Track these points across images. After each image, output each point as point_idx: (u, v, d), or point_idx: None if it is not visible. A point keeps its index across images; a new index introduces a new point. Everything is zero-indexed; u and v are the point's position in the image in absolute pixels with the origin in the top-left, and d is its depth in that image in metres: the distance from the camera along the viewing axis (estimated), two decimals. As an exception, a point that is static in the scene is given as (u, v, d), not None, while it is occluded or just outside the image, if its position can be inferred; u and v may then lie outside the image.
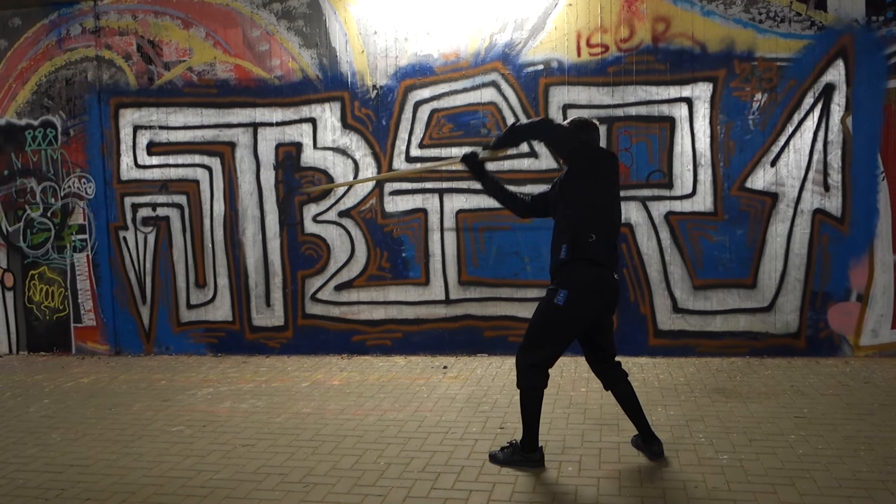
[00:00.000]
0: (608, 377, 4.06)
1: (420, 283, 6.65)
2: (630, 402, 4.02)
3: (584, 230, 3.79)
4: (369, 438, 4.53)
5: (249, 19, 6.78)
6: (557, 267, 3.88)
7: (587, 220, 3.81)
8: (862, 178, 5.92)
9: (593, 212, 3.82)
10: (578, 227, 3.81)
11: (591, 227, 3.80)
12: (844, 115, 5.92)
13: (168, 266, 7.09)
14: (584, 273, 3.80)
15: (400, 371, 6.16)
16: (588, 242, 3.78)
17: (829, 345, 6.04)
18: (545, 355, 3.88)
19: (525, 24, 6.32)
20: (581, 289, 3.78)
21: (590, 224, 3.80)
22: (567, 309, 3.79)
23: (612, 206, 3.89)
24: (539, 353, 3.87)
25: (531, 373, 3.90)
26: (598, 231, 3.80)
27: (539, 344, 3.87)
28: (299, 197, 6.79)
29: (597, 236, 3.79)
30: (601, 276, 3.81)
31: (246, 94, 6.83)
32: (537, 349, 3.87)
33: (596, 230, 3.80)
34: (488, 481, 3.82)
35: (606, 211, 3.86)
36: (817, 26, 5.91)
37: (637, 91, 6.18)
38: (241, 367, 6.57)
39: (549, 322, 3.85)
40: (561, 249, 3.86)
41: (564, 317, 3.81)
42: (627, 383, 4.05)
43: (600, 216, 3.83)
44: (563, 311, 3.80)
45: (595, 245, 3.79)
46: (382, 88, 6.59)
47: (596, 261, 3.79)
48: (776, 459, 3.95)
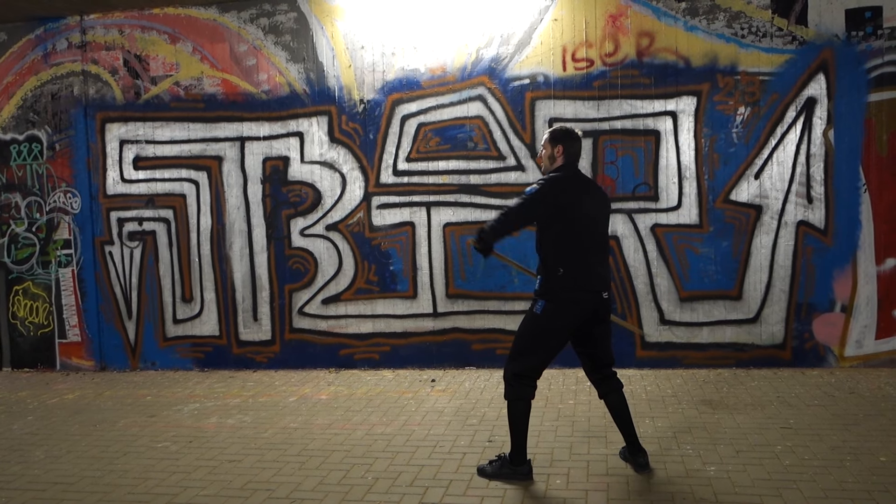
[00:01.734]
0: (603, 387, 4.07)
1: (408, 296, 6.65)
2: (621, 412, 4.03)
3: (552, 265, 3.87)
4: (357, 453, 4.51)
5: (236, 34, 6.79)
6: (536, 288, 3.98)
7: (554, 255, 3.87)
8: (844, 190, 5.99)
9: (558, 247, 3.87)
10: (548, 263, 3.89)
11: (558, 262, 3.86)
12: (826, 128, 6.00)
13: (154, 281, 7.05)
14: (562, 285, 3.84)
15: (388, 385, 6.15)
16: (557, 276, 3.85)
17: (814, 356, 6.09)
18: (530, 365, 3.91)
19: (511, 38, 6.37)
20: (558, 299, 3.84)
21: (557, 259, 3.86)
22: (545, 318, 3.85)
23: (579, 235, 3.89)
24: (523, 363, 3.90)
25: (517, 383, 3.93)
26: (567, 263, 3.85)
27: (523, 354, 3.91)
28: (286, 211, 6.78)
29: (564, 269, 3.84)
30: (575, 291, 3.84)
31: (233, 108, 6.84)
32: (522, 359, 3.91)
33: (564, 263, 3.85)
34: (476, 495, 3.81)
35: (573, 243, 3.87)
36: (798, 41, 6.00)
37: (622, 105, 6.24)
38: (227, 381, 6.53)
39: (530, 332, 3.91)
40: (538, 279, 3.95)
41: (544, 326, 3.87)
42: (621, 394, 4.06)
43: (567, 250, 3.87)
44: (542, 320, 3.86)
45: (564, 276, 3.84)
46: (370, 102, 6.62)
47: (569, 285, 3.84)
48: (763, 470, 3.97)
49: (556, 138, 4.03)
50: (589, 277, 3.88)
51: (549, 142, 4.06)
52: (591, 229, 3.94)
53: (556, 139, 4.03)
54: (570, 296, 3.85)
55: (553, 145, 4.03)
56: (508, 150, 6.41)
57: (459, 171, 6.50)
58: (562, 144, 4.00)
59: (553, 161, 4.05)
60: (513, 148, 6.40)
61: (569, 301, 3.85)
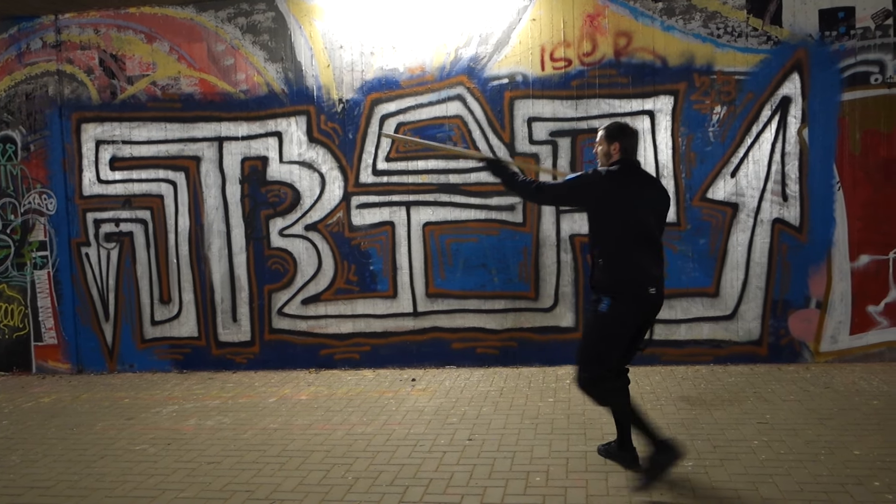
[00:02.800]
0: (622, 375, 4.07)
1: (388, 295, 6.64)
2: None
3: (598, 255, 3.90)
4: (337, 453, 4.51)
5: (214, 33, 6.75)
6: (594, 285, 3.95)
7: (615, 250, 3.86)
8: (819, 188, 6.07)
9: (619, 243, 3.85)
10: (610, 257, 3.86)
11: (601, 254, 3.88)
12: (801, 127, 6.08)
13: (132, 282, 6.98)
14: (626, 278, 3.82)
15: (368, 384, 6.14)
16: (601, 267, 3.87)
17: (790, 351, 6.16)
18: (604, 368, 3.83)
19: (490, 38, 6.39)
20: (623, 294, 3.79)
21: (601, 250, 3.89)
22: (611, 316, 3.80)
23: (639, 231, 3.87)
24: (598, 368, 3.82)
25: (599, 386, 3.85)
26: (607, 256, 3.86)
27: (595, 360, 3.83)
28: (265, 211, 6.75)
29: (605, 262, 3.86)
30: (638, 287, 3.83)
31: (211, 108, 6.79)
32: (595, 365, 3.82)
33: (605, 256, 3.87)
34: (457, 493, 3.82)
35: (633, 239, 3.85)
36: (773, 41, 6.07)
37: (600, 104, 6.28)
38: (206, 383, 6.49)
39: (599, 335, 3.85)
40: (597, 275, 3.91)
41: (611, 325, 3.83)
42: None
43: (609, 241, 3.87)
44: (608, 319, 3.81)
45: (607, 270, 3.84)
46: (349, 102, 6.60)
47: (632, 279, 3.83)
48: (740, 465, 4.02)
49: (612, 135, 3.97)
50: (648, 274, 3.86)
51: (604, 139, 4.00)
52: (649, 226, 3.92)
53: (613, 136, 3.96)
54: (634, 291, 3.81)
55: (609, 142, 3.97)
56: (488, 150, 6.42)
57: (439, 171, 6.51)
58: (618, 141, 3.94)
59: (609, 158, 3.99)
60: (492, 147, 6.42)
61: (633, 297, 3.81)
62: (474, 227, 6.49)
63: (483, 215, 6.48)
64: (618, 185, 3.86)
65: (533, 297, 6.45)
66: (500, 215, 6.44)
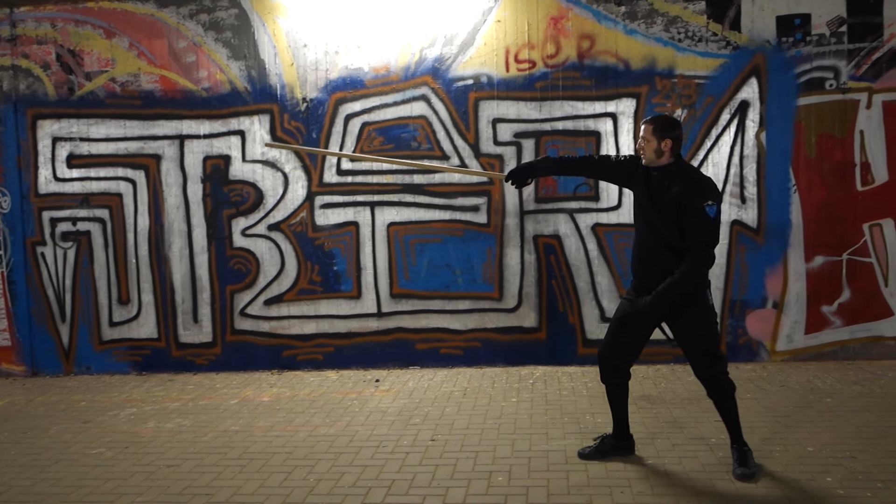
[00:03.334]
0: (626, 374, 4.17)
1: (352, 296, 6.61)
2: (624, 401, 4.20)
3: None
4: (299, 455, 4.47)
5: (175, 30, 6.65)
6: None
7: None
8: (776, 190, 6.20)
9: None
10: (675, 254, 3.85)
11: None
12: (758, 130, 6.20)
13: (89, 282, 6.84)
14: None
15: (331, 386, 6.11)
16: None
17: (747, 350, 6.29)
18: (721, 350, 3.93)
19: (454, 39, 6.40)
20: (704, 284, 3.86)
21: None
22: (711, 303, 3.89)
23: None
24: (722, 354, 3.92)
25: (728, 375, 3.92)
26: None
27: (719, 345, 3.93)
28: (228, 210, 6.67)
29: None
30: None
31: (172, 105, 6.68)
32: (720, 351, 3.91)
33: None
34: (419, 494, 3.82)
35: None
36: (732, 46, 6.18)
37: (564, 106, 6.33)
38: (166, 385, 6.38)
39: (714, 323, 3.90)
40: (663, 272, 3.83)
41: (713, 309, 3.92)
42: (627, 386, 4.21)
43: None
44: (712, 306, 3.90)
45: None
46: (312, 101, 6.56)
47: None
48: (697, 463, 4.08)
49: (664, 129, 3.77)
50: None
51: (652, 133, 3.79)
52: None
53: (664, 130, 3.77)
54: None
55: (659, 138, 3.77)
56: (452, 150, 6.43)
57: (403, 171, 6.50)
58: (670, 137, 3.77)
59: (660, 155, 3.80)
60: (456, 148, 6.43)
61: None
62: (438, 228, 6.50)
63: (447, 216, 6.48)
64: None
65: (497, 298, 6.48)
66: (464, 216, 6.46)
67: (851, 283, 6.18)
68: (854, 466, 3.94)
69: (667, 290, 3.76)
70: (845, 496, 3.59)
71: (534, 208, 6.40)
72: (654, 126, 3.81)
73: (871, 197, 6.14)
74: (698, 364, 3.91)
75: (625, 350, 4.08)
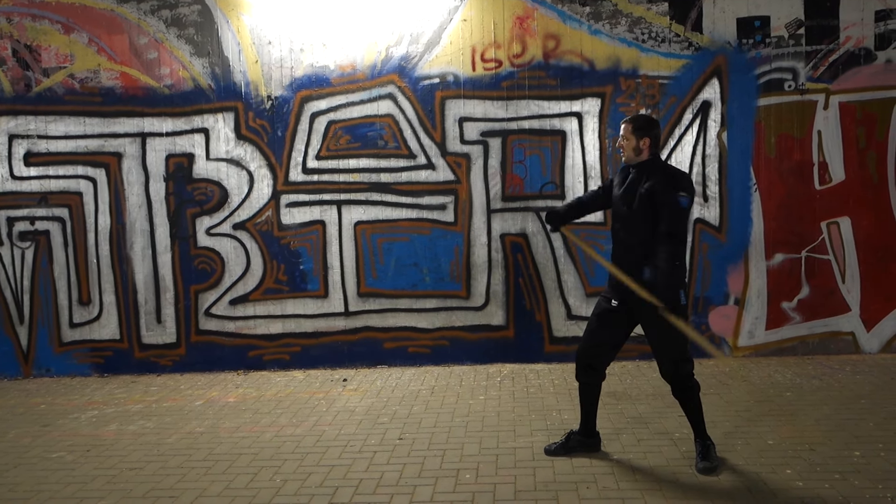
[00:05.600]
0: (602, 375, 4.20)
1: (319, 295, 6.57)
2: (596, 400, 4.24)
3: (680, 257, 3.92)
4: (265, 456, 4.44)
5: (136, 26, 6.53)
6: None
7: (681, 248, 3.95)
8: (737, 189, 6.32)
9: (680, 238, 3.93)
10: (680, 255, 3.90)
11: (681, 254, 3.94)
12: (720, 130, 6.31)
13: (48, 283, 6.69)
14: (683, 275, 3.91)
15: (298, 385, 6.06)
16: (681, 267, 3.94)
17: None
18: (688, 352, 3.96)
19: (421, 37, 6.40)
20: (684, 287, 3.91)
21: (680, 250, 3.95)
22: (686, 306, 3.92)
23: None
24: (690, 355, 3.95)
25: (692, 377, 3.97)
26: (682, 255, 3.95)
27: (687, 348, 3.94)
28: (191, 209, 6.57)
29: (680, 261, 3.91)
30: None
31: (133, 102, 6.56)
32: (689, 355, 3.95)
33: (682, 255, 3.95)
34: (387, 493, 3.82)
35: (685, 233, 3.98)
36: (694, 47, 6.28)
37: (530, 105, 6.36)
38: (129, 387, 6.27)
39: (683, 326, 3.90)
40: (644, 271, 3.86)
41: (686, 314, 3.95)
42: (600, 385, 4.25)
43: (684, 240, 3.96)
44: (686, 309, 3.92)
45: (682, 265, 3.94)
46: (278, 99, 6.50)
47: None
48: (661, 457, 4.14)
49: (643, 128, 3.85)
50: None
51: (631, 132, 3.87)
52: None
53: (643, 129, 3.85)
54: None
55: (638, 136, 3.85)
56: (419, 149, 6.43)
57: (370, 170, 6.47)
58: (649, 136, 3.85)
59: (639, 153, 3.88)
60: (423, 146, 6.43)
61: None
62: (406, 227, 6.49)
63: (415, 214, 6.48)
64: None
65: (464, 296, 6.49)
66: (431, 214, 6.46)
67: (810, 280, 6.32)
68: (812, 458, 4.03)
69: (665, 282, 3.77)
70: (804, 487, 3.68)
71: (501, 207, 6.42)
72: (634, 125, 3.89)
73: (829, 196, 6.28)
74: (664, 366, 3.98)
75: (602, 350, 4.12)
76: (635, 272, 3.87)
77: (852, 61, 6.21)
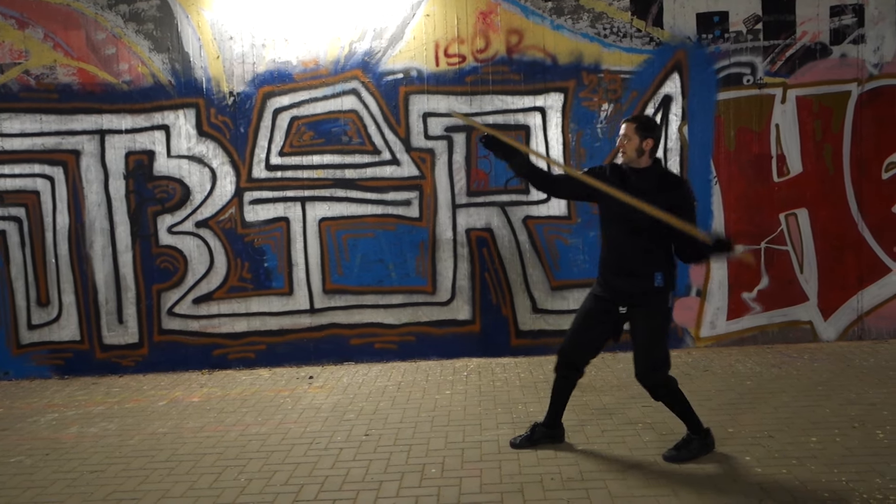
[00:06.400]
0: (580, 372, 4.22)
1: (284, 293, 6.52)
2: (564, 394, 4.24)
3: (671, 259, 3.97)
4: (230, 455, 4.40)
5: (93, 21, 6.40)
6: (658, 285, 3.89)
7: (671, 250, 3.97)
8: (698, 182, 6.40)
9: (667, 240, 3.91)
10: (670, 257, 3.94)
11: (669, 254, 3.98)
12: (681, 124, 6.39)
13: (4, 284, 6.53)
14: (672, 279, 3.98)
15: (264, 384, 6.01)
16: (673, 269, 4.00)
17: (673, 337, 6.45)
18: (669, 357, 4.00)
19: (384, 33, 6.37)
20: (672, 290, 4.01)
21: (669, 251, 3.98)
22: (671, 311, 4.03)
23: None
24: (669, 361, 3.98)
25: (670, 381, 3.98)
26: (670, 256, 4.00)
27: (666, 353, 3.97)
28: (153, 207, 6.47)
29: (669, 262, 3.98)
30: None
31: (91, 99, 6.44)
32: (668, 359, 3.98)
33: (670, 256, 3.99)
34: (352, 489, 3.81)
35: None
36: (655, 42, 6.35)
37: (493, 100, 6.38)
38: (90, 388, 6.17)
39: (665, 330, 3.98)
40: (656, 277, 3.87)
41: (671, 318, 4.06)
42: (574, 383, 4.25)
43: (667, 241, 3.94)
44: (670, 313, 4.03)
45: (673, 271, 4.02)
46: (240, 95, 6.43)
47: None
48: (625, 447, 4.20)
49: (647, 129, 3.81)
50: None
51: (635, 132, 3.80)
52: None
53: (647, 130, 3.81)
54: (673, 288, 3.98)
55: (642, 136, 3.79)
56: (383, 145, 6.41)
57: (334, 166, 6.44)
58: (652, 137, 3.82)
59: (641, 154, 3.82)
60: (388, 142, 6.41)
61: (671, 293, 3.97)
62: (371, 223, 6.47)
63: (380, 210, 6.46)
64: None
65: (430, 292, 6.50)
66: (396, 210, 6.45)
67: (769, 271, 6.44)
68: (771, 445, 4.12)
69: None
70: (763, 473, 3.75)
71: (466, 202, 6.44)
72: (638, 124, 3.83)
73: (787, 188, 6.41)
74: (637, 367, 4.00)
75: (589, 350, 4.16)
76: (644, 278, 3.88)
77: (808, 56, 6.33)
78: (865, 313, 6.46)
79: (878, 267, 6.44)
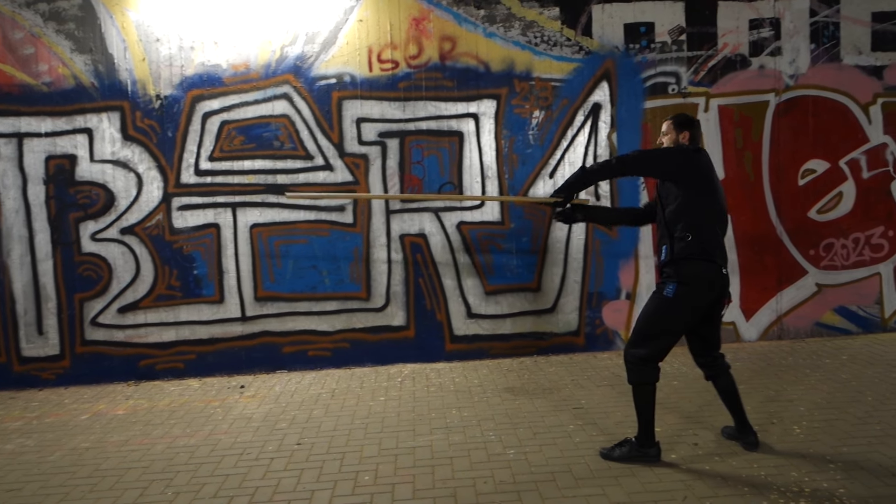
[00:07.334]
0: (711, 368, 4.14)
1: (214, 300, 6.38)
2: (730, 393, 4.13)
3: (681, 231, 3.92)
4: (156, 468, 4.27)
5: (10, 19, 6.14)
6: (663, 266, 4.01)
7: (683, 220, 3.93)
8: (626, 188, 6.57)
9: (688, 212, 3.92)
10: (674, 229, 3.94)
11: (686, 228, 3.91)
12: (610, 131, 6.55)
13: (-86, 295, 6.20)
14: (691, 267, 3.90)
15: (194, 394, 5.87)
16: (687, 242, 3.90)
17: (604, 340, 6.63)
18: (659, 349, 3.93)
19: (316, 37, 6.32)
20: (689, 282, 3.88)
21: (686, 225, 3.92)
22: (677, 302, 3.89)
23: (709, 202, 3.97)
24: (653, 348, 3.91)
25: (645, 367, 3.93)
26: (694, 230, 3.91)
27: (652, 338, 3.92)
28: (75, 214, 6.25)
29: (693, 235, 3.90)
30: (708, 269, 3.91)
31: (8, 101, 6.17)
32: (651, 343, 3.91)
33: (691, 229, 3.91)
34: (283, 499, 3.75)
35: (702, 208, 3.94)
36: (585, 51, 6.49)
37: (427, 106, 6.40)
38: (7, 403, 5.90)
39: (660, 316, 3.92)
40: (662, 251, 4.00)
41: (675, 310, 3.91)
42: (729, 375, 4.15)
43: (696, 215, 3.92)
44: (674, 304, 3.89)
45: (693, 243, 3.90)
46: (167, 98, 6.27)
47: (699, 257, 3.90)
48: (556, 449, 4.26)
49: (682, 124, 4.16)
50: (718, 244, 3.96)
51: (672, 128, 4.17)
52: (723, 203, 4.04)
53: (683, 125, 4.15)
54: (705, 277, 3.89)
55: (679, 131, 4.15)
56: (316, 150, 6.35)
57: (266, 171, 6.34)
58: (688, 131, 4.14)
59: None
60: (320, 147, 6.36)
61: (704, 283, 3.90)
62: (304, 229, 6.40)
63: (313, 216, 6.40)
64: (700, 160, 4.00)
65: (364, 298, 6.46)
66: (329, 216, 6.39)
67: (695, 274, 6.64)
68: (695, 442, 4.25)
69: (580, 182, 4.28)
70: (686, 470, 3.87)
71: (399, 207, 6.43)
72: (675, 121, 4.21)
73: (710, 193, 6.63)
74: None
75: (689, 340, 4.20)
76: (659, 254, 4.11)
77: (729, 66, 6.58)
78: (784, 314, 6.74)
79: (795, 269, 6.73)
